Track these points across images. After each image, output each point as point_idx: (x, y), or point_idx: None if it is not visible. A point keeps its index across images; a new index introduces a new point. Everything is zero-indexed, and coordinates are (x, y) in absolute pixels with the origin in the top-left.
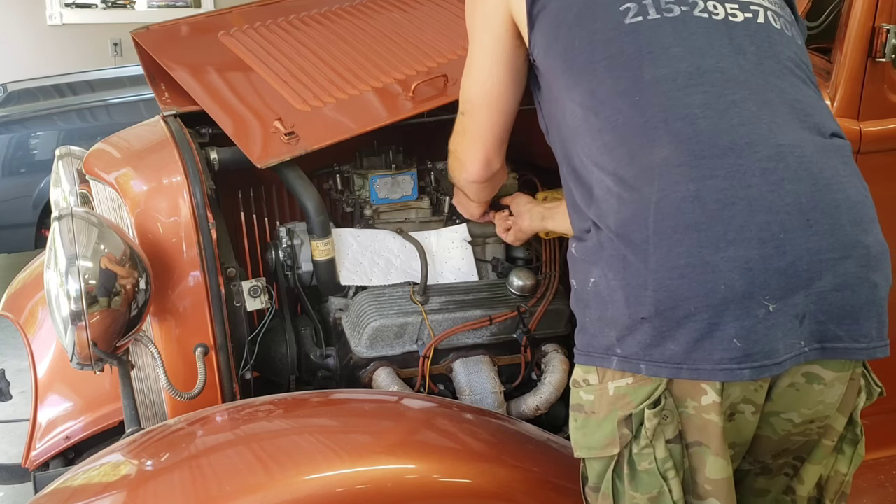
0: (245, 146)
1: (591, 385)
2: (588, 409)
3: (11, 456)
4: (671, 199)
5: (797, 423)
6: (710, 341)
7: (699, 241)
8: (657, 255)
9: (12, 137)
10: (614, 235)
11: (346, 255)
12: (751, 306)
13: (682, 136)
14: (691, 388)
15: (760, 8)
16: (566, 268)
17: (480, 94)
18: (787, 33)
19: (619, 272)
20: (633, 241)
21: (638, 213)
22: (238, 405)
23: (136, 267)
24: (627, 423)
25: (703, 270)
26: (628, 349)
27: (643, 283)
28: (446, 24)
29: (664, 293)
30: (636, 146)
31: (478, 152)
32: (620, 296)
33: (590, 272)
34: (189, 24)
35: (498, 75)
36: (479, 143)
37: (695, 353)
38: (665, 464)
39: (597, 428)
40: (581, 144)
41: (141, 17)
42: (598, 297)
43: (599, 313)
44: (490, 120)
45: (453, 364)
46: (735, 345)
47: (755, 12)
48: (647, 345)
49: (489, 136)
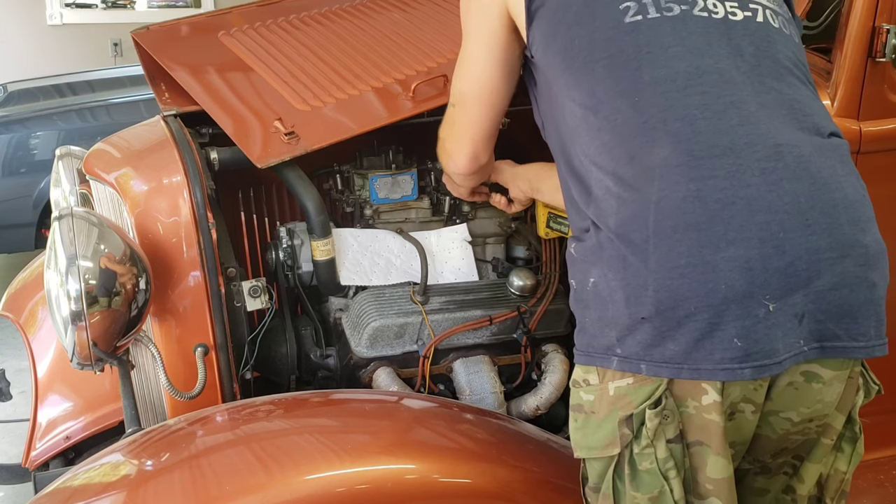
0: (245, 146)
1: (592, 385)
2: (588, 409)
3: (11, 456)
4: (671, 199)
5: (796, 422)
6: (710, 341)
7: (699, 240)
8: (657, 254)
9: (12, 137)
10: (614, 235)
11: (346, 255)
12: (751, 306)
13: (681, 137)
14: (692, 387)
15: (759, 6)
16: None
17: (472, 88)
18: (786, 32)
19: (619, 272)
20: (633, 241)
21: (638, 213)
22: (238, 405)
23: (136, 267)
24: (628, 422)
25: (704, 270)
26: (628, 349)
27: (643, 282)
28: (446, 24)
29: (664, 293)
30: (635, 146)
31: (466, 145)
32: (620, 296)
33: (589, 272)
34: (189, 24)
35: (491, 70)
36: (468, 137)
37: (695, 353)
38: (666, 463)
39: (597, 428)
40: (580, 143)
41: (141, 17)
42: (597, 297)
43: (599, 313)
44: (480, 114)
45: (453, 364)
46: (735, 344)
47: (754, 11)
48: (647, 345)
49: (478, 130)
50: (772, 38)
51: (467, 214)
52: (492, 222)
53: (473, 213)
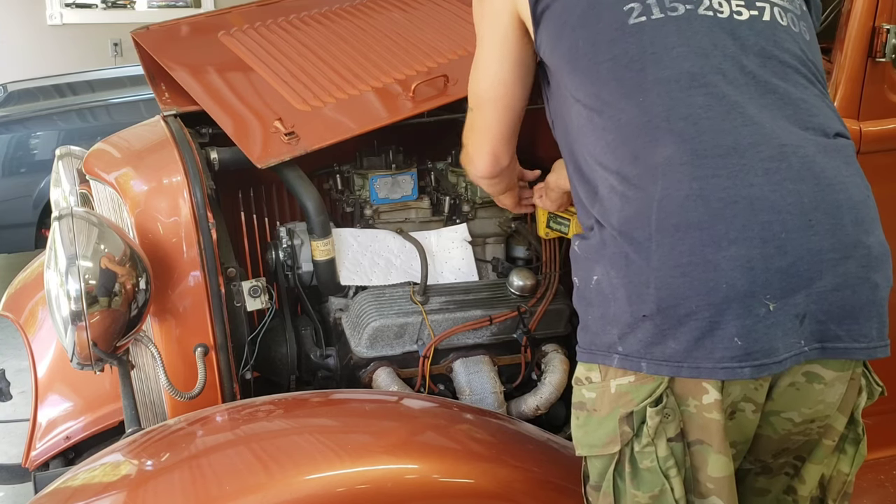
0: (245, 146)
1: (594, 383)
2: (590, 406)
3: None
4: (674, 198)
5: (797, 423)
6: (710, 340)
7: (701, 239)
8: (659, 252)
9: (12, 137)
10: (617, 233)
11: (346, 255)
12: (752, 305)
13: (685, 136)
14: (693, 386)
15: (767, 4)
16: (566, 267)
17: (488, 91)
18: (794, 29)
19: (622, 270)
20: (636, 239)
21: (641, 211)
22: (238, 405)
23: (136, 267)
24: (629, 420)
25: (705, 269)
26: (630, 347)
27: (645, 280)
28: (446, 24)
29: (666, 291)
30: (639, 145)
31: (485, 147)
32: (622, 293)
33: (592, 270)
34: (189, 24)
35: (505, 72)
36: (487, 139)
37: (696, 352)
38: (667, 462)
39: (598, 426)
40: (585, 143)
41: (141, 17)
42: (600, 294)
43: (602, 311)
44: (497, 116)
45: (453, 364)
46: (736, 343)
47: (761, 9)
48: (648, 343)
49: (496, 132)
50: (778, 37)
51: (467, 214)
52: (492, 222)
53: (473, 213)
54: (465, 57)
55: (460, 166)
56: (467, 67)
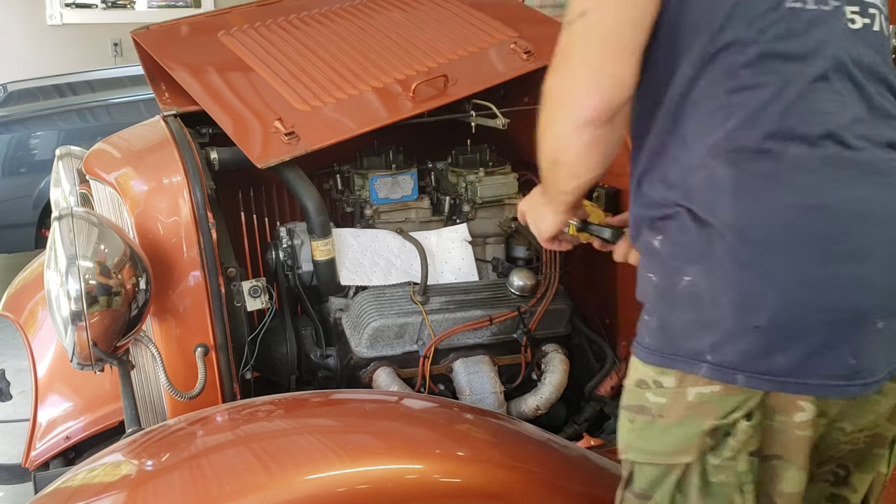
0: (245, 146)
1: (665, 388)
2: (655, 412)
3: (11, 456)
4: (801, 206)
5: (848, 432)
6: (822, 357)
7: (830, 253)
8: (781, 263)
9: (12, 137)
10: (730, 234)
11: (346, 255)
12: (867, 323)
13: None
14: (787, 402)
15: (877, 11)
16: (566, 268)
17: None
18: (885, 33)
19: (731, 275)
20: (756, 244)
21: (763, 215)
22: (238, 405)
23: (136, 267)
24: (712, 433)
25: (831, 285)
26: (723, 356)
27: (761, 290)
28: (446, 24)
29: (783, 304)
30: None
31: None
32: (727, 300)
33: (683, 270)
34: (189, 24)
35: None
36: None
37: (805, 368)
38: (745, 476)
39: (663, 433)
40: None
41: (141, 17)
42: (693, 297)
43: (693, 316)
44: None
45: (453, 364)
46: (849, 361)
47: (872, 17)
48: (750, 354)
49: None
50: (885, 50)
51: (467, 214)
52: (492, 222)
53: (473, 213)
54: (466, 57)
55: (460, 166)
56: (467, 67)
